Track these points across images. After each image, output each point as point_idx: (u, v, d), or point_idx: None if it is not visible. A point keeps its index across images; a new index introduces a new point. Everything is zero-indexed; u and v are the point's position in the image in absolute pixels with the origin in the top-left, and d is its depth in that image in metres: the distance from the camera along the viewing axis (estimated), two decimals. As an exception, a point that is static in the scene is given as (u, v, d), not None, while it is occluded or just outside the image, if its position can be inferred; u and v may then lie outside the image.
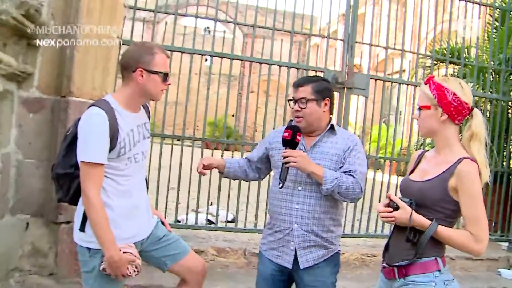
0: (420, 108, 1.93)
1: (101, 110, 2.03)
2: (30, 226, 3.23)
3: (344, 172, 2.23)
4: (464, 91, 1.87)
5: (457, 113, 1.86)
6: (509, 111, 5.18)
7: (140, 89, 2.14)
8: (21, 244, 3.21)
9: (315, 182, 2.24)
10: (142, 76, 2.11)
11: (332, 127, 2.35)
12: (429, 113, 1.90)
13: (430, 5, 4.57)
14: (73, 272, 3.24)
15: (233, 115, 7.84)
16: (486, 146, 1.87)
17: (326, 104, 2.33)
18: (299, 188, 2.28)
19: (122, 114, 2.11)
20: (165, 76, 2.17)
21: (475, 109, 1.90)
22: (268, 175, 2.67)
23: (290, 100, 2.36)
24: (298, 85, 2.34)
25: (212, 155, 4.09)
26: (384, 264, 1.99)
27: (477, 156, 1.84)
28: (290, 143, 2.23)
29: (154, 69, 2.12)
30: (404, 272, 1.87)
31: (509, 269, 4.49)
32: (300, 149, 2.28)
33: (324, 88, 2.34)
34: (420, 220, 1.82)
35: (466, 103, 1.86)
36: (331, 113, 2.39)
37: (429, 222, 1.81)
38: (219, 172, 2.59)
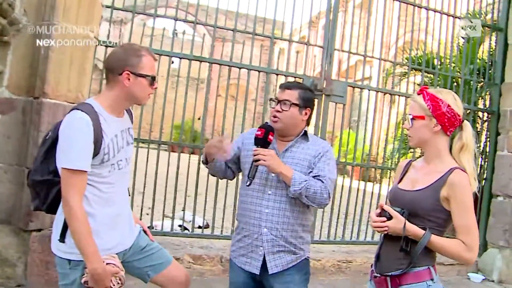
0: (413, 118, 1.94)
1: (84, 114, 1.93)
2: (-3, 234, 3.05)
3: (314, 176, 2.23)
4: (457, 103, 1.91)
5: (450, 124, 1.89)
6: (478, 121, 5.37)
7: (126, 93, 2.05)
8: (-14, 254, 3.03)
9: (285, 186, 2.22)
10: (129, 79, 2.02)
11: (305, 133, 2.36)
12: (422, 123, 1.91)
13: (401, 14, 4.69)
14: (44, 283, 3.09)
15: (199, 119, 7.73)
16: (475, 157, 1.90)
17: (306, 114, 2.33)
18: (269, 192, 2.26)
19: (106, 119, 2.02)
20: (153, 80, 2.09)
21: (465, 121, 1.93)
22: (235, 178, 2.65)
23: (272, 99, 2.33)
24: (286, 87, 2.33)
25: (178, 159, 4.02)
26: (376, 274, 1.97)
27: (467, 167, 1.86)
28: (262, 141, 2.21)
29: (141, 72, 2.04)
30: (398, 282, 1.86)
31: (477, 273, 4.66)
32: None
33: (309, 98, 2.35)
34: (414, 229, 1.82)
35: (459, 115, 1.89)
36: (307, 124, 2.40)
37: (423, 231, 1.82)
38: (208, 161, 2.39)
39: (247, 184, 2.21)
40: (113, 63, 2.06)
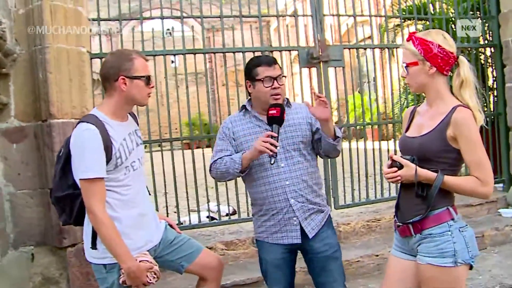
0: (407, 66, 1.95)
1: (90, 125, 2.01)
2: (36, 256, 3.19)
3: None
4: (447, 41, 1.90)
5: (444, 64, 1.89)
6: (481, 57, 5.28)
7: (125, 97, 2.12)
8: (30, 276, 3.17)
9: (294, 155, 2.31)
10: (125, 83, 2.09)
11: (288, 101, 2.41)
12: (417, 69, 1.92)
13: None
14: (88, 293, 3.22)
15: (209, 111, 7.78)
16: (477, 90, 1.90)
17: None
18: (282, 165, 2.30)
19: (112, 125, 2.09)
20: (148, 79, 2.15)
21: (461, 57, 1.92)
22: None
23: (265, 78, 2.28)
24: (274, 62, 2.34)
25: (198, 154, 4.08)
26: (398, 223, 2.01)
27: (470, 102, 1.87)
28: (279, 120, 2.21)
29: (136, 74, 2.10)
30: (420, 227, 1.89)
31: (507, 207, 4.64)
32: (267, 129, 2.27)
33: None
34: (426, 173, 1.84)
35: (452, 53, 1.89)
36: None
37: (435, 174, 1.84)
38: (244, 171, 2.33)
39: (272, 162, 2.17)
40: (107, 72, 2.12)
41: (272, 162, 2.17)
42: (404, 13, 4.82)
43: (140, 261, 2.05)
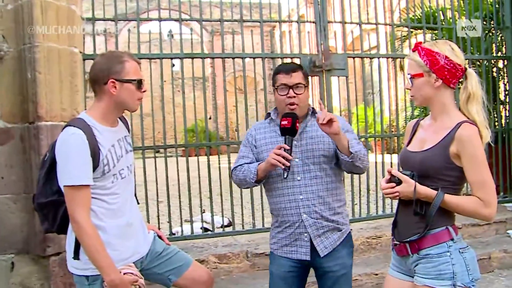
0: (412, 77, 1.87)
1: (77, 129, 1.94)
2: (16, 265, 3.05)
3: None
4: (455, 52, 1.83)
5: (451, 76, 1.82)
6: (493, 69, 5.12)
7: (114, 101, 2.05)
8: (9, 286, 3.02)
9: (312, 169, 2.24)
10: (115, 87, 2.02)
11: (313, 110, 2.35)
12: (422, 81, 1.85)
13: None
14: (70, 305, 3.07)
15: (209, 118, 7.68)
16: (484, 105, 1.82)
17: (308, 91, 2.33)
18: (298, 178, 2.25)
19: (100, 130, 2.02)
20: (139, 84, 2.08)
21: (469, 70, 1.86)
22: None
23: (280, 86, 2.26)
24: (292, 70, 2.27)
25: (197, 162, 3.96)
26: (395, 242, 1.94)
27: (477, 117, 1.80)
28: (291, 131, 2.16)
29: (127, 78, 2.03)
30: (417, 247, 1.83)
31: (516, 228, 4.45)
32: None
33: (307, 74, 2.35)
34: (426, 191, 1.78)
35: (459, 65, 1.82)
36: None
37: (435, 192, 1.77)
38: (260, 181, 2.32)
39: (285, 176, 2.14)
40: (96, 74, 2.06)
41: (285, 176, 2.14)
42: (412, 22, 4.66)
43: (124, 273, 1.99)
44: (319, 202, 2.24)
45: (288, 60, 4.14)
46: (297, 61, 4.15)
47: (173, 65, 4.56)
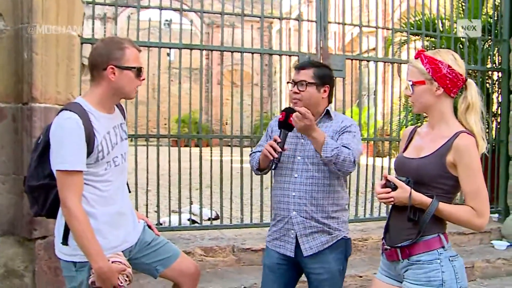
0: (413, 84, 1.88)
1: (73, 114, 1.92)
2: (0, 246, 3.01)
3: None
4: (457, 62, 1.85)
5: (452, 85, 1.83)
6: (488, 81, 5.17)
7: (112, 88, 2.03)
8: (-7, 267, 2.99)
9: (310, 168, 2.27)
10: (114, 73, 2.00)
11: (328, 112, 2.36)
12: (423, 88, 1.86)
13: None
14: (53, 290, 3.05)
15: (201, 110, 7.66)
16: (482, 117, 1.85)
17: (325, 91, 2.32)
18: (295, 175, 2.28)
19: (96, 116, 2.01)
20: (139, 71, 2.07)
21: (469, 80, 1.88)
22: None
23: (290, 82, 2.35)
24: (300, 67, 2.34)
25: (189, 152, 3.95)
26: (386, 246, 1.95)
27: (474, 127, 1.82)
28: (283, 124, 2.20)
29: (126, 65, 2.02)
30: (408, 253, 1.84)
31: (501, 239, 4.52)
32: (297, 136, 2.30)
33: (326, 75, 2.34)
34: (421, 198, 1.79)
35: (461, 75, 1.84)
36: (330, 101, 2.39)
37: (430, 199, 1.79)
38: (262, 170, 2.41)
39: (273, 167, 2.28)
40: (96, 59, 2.04)
41: (273, 167, 2.26)
42: (412, 28, 4.69)
43: (112, 262, 1.98)
44: (311, 203, 2.25)
45: (286, 57, 4.16)
46: (295, 58, 4.16)
47: (168, 54, 4.53)
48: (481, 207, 1.76)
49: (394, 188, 1.81)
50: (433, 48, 5.01)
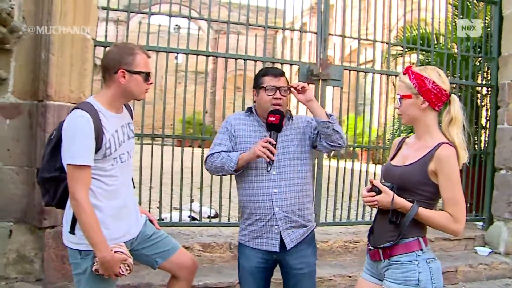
0: (401, 97, 2.01)
1: (84, 112, 2.03)
2: (13, 233, 3.19)
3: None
4: (442, 79, 1.97)
5: (437, 100, 1.95)
6: (477, 95, 5.37)
7: (122, 90, 2.16)
8: (5, 252, 3.17)
9: (286, 164, 2.37)
10: (124, 77, 2.12)
11: (290, 113, 2.50)
12: (410, 102, 1.98)
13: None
14: (60, 277, 3.23)
15: (206, 112, 7.80)
16: (464, 129, 1.96)
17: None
18: (274, 173, 2.36)
19: (106, 115, 2.12)
20: (147, 76, 2.19)
21: (453, 95, 1.99)
22: None
23: (268, 87, 2.38)
24: (280, 74, 2.44)
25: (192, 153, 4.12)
26: (370, 247, 2.08)
27: (456, 139, 1.93)
28: (278, 127, 2.31)
29: (136, 70, 2.14)
30: (389, 253, 1.96)
31: (484, 246, 4.70)
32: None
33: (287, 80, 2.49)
34: (402, 202, 1.91)
35: (445, 90, 1.96)
36: None
37: (411, 204, 1.90)
38: (238, 170, 2.40)
39: (268, 170, 2.31)
40: (108, 63, 2.16)
41: (268, 169, 2.30)
42: (408, 43, 4.89)
43: (115, 252, 2.08)
44: (290, 197, 2.36)
45: (288, 66, 4.34)
46: (296, 68, 4.34)
47: (176, 57, 4.71)
48: (458, 214, 1.88)
49: (379, 192, 1.93)
50: (427, 62, 5.22)
